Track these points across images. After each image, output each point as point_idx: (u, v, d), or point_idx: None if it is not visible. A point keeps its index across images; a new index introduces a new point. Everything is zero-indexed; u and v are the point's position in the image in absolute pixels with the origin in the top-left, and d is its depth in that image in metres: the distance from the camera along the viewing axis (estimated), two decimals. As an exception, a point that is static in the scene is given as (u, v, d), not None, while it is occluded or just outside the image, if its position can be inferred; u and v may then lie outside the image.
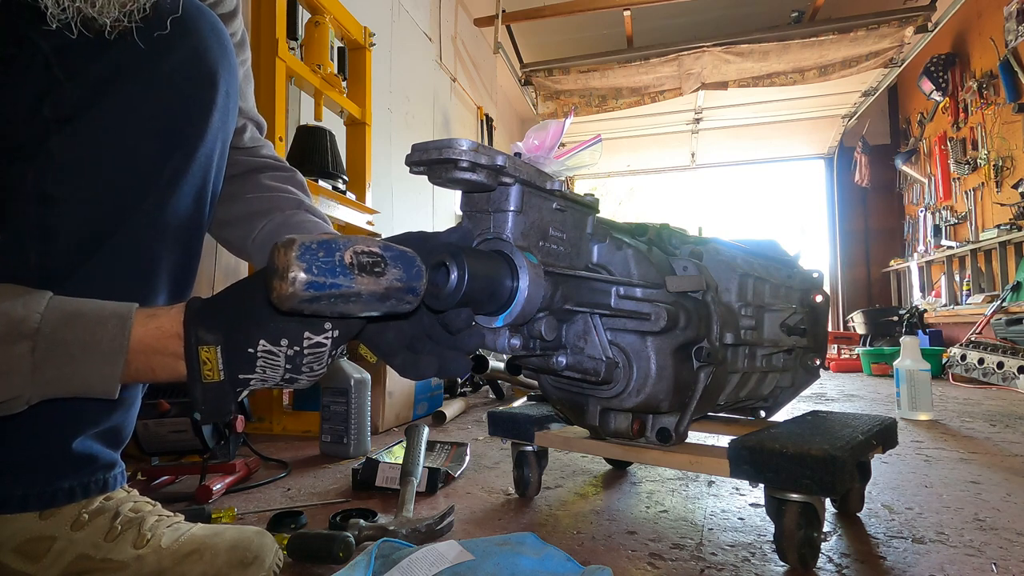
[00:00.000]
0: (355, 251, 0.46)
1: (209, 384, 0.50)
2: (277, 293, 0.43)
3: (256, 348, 0.49)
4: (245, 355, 0.50)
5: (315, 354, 0.51)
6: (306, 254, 0.43)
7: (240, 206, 0.80)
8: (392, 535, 0.77)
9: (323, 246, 0.45)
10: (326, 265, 0.44)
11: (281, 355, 0.50)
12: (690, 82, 4.27)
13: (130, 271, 0.61)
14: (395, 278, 0.47)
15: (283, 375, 0.51)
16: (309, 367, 0.51)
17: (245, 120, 0.84)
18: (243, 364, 0.50)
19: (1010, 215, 3.89)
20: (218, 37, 0.64)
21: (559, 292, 0.63)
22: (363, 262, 0.46)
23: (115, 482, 0.65)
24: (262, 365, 0.50)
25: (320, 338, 0.50)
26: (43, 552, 0.59)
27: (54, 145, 0.57)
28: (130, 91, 0.59)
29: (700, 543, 0.83)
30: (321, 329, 0.50)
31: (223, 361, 0.50)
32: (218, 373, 0.50)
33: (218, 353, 0.49)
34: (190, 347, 0.50)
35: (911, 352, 1.96)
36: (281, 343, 0.50)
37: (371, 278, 0.46)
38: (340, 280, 0.44)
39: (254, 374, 0.51)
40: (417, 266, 0.49)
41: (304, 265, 0.43)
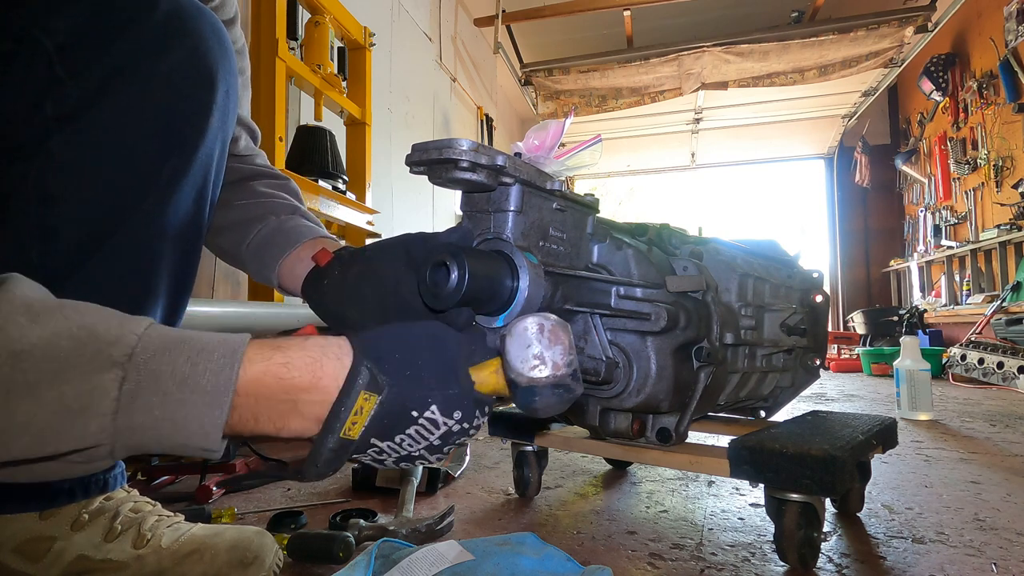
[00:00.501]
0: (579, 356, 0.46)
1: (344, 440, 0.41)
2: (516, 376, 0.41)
3: (423, 413, 0.42)
4: (403, 416, 0.42)
5: (467, 438, 0.45)
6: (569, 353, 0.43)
7: (234, 212, 0.80)
8: (392, 535, 0.77)
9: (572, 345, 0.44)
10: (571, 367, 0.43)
11: (442, 428, 0.43)
12: (690, 82, 4.27)
13: (131, 271, 0.61)
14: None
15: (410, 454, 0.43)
16: (444, 452, 0.45)
17: (240, 128, 0.84)
18: (390, 427, 0.42)
19: (1010, 215, 3.89)
20: (218, 38, 0.64)
21: (559, 292, 0.63)
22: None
23: (115, 482, 0.65)
24: (409, 434, 0.42)
25: (483, 420, 0.45)
26: (43, 552, 0.59)
27: (55, 144, 0.57)
28: (130, 91, 0.59)
29: (700, 543, 0.83)
30: (487, 411, 0.45)
31: (372, 416, 0.41)
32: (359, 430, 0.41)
33: (376, 406, 0.41)
34: (351, 387, 0.40)
35: (911, 352, 1.96)
36: (453, 415, 0.43)
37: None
38: (573, 385, 0.43)
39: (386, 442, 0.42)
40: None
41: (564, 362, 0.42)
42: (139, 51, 0.57)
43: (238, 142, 0.83)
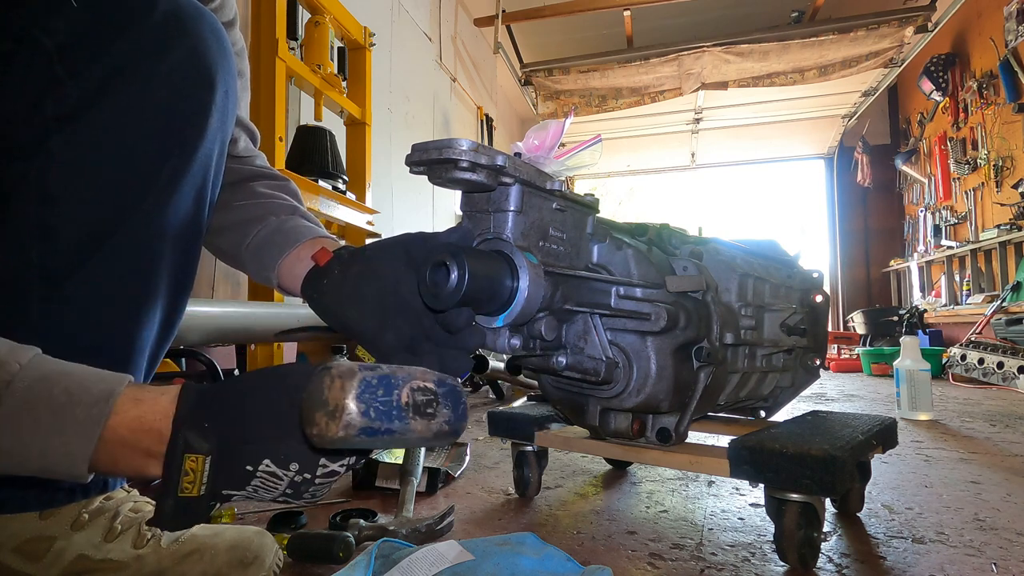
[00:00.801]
0: (412, 388, 0.41)
1: (184, 499, 0.42)
2: (319, 431, 0.38)
3: (258, 468, 0.43)
4: (240, 472, 0.43)
5: (326, 483, 0.45)
6: (366, 391, 0.38)
7: (233, 213, 0.80)
8: (392, 535, 0.77)
9: (383, 382, 0.40)
10: (383, 407, 0.39)
11: (285, 479, 0.43)
12: (690, 82, 4.27)
13: (130, 271, 0.61)
14: (444, 420, 0.43)
15: (277, 496, 0.45)
16: (312, 494, 0.45)
17: (240, 129, 0.84)
18: (234, 480, 0.43)
19: (1010, 215, 3.89)
20: (217, 38, 0.64)
21: (559, 292, 0.63)
22: (418, 401, 0.41)
23: (114, 482, 0.65)
24: (256, 485, 0.43)
25: (336, 466, 0.44)
26: (43, 552, 0.59)
27: (55, 144, 0.57)
28: (130, 91, 0.59)
29: (700, 543, 0.83)
30: (340, 458, 0.45)
31: (209, 474, 0.42)
32: (199, 488, 0.42)
33: (206, 465, 0.42)
34: (174, 451, 0.42)
35: (911, 352, 1.96)
36: (290, 467, 0.43)
37: (424, 422, 0.41)
38: (395, 425, 0.39)
39: (242, 491, 0.44)
40: (463, 405, 0.45)
41: (363, 407, 0.38)
42: (139, 51, 0.58)
43: (237, 143, 0.83)
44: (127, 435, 0.43)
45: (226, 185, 0.80)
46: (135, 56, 0.57)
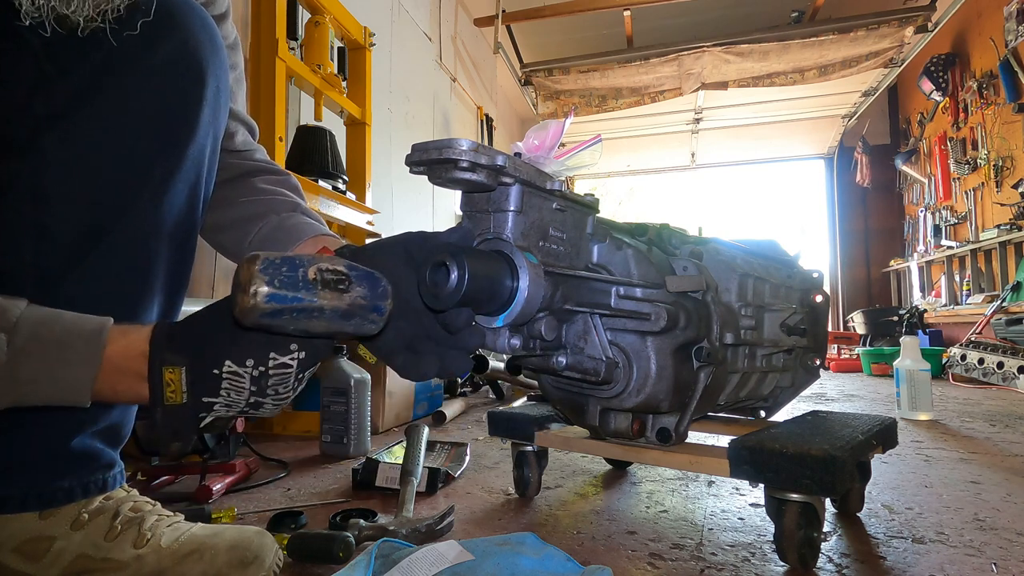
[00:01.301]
0: (319, 268, 0.46)
1: (170, 407, 0.49)
2: (240, 307, 0.43)
3: (221, 369, 0.49)
4: (210, 376, 0.49)
5: (280, 375, 0.50)
6: (269, 268, 0.44)
7: (235, 210, 0.80)
8: (392, 535, 0.77)
9: (287, 261, 0.45)
10: (288, 279, 0.44)
11: (247, 376, 0.49)
12: (690, 82, 4.27)
13: (127, 268, 0.61)
14: (359, 295, 0.47)
15: (248, 398, 0.50)
16: (274, 390, 0.50)
17: (237, 123, 0.84)
18: (207, 386, 0.49)
19: (1010, 215, 3.89)
20: (208, 32, 0.64)
21: (559, 292, 0.63)
22: (327, 279, 0.46)
23: (115, 482, 0.65)
24: (227, 387, 0.49)
25: (286, 359, 0.50)
26: (43, 552, 0.59)
27: (46, 142, 0.57)
28: (120, 87, 0.58)
29: (700, 543, 0.83)
30: (287, 350, 0.50)
31: (187, 383, 0.49)
32: (181, 396, 0.49)
33: (183, 375, 0.49)
34: (154, 366, 0.49)
35: (911, 352, 1.96)
36: (247, 363, 0.49)
37: (334, 294, 0.46)
38: (302, 295, 0.44)
39: (218, 398, 0.49)
40: (383, 286, 0.49)
41: (266, 278, 0.43)
42: (128, 47, 0.57)
43: (235, 137, 0.83)
44: (120, 362, 0.50)
45: (226, 181, 0.80)
46: (124, 52, 0.57)
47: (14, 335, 0.47)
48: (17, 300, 0.50)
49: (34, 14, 0.52)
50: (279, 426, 1.69)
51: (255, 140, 0.89)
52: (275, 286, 0.43)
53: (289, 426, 1.68)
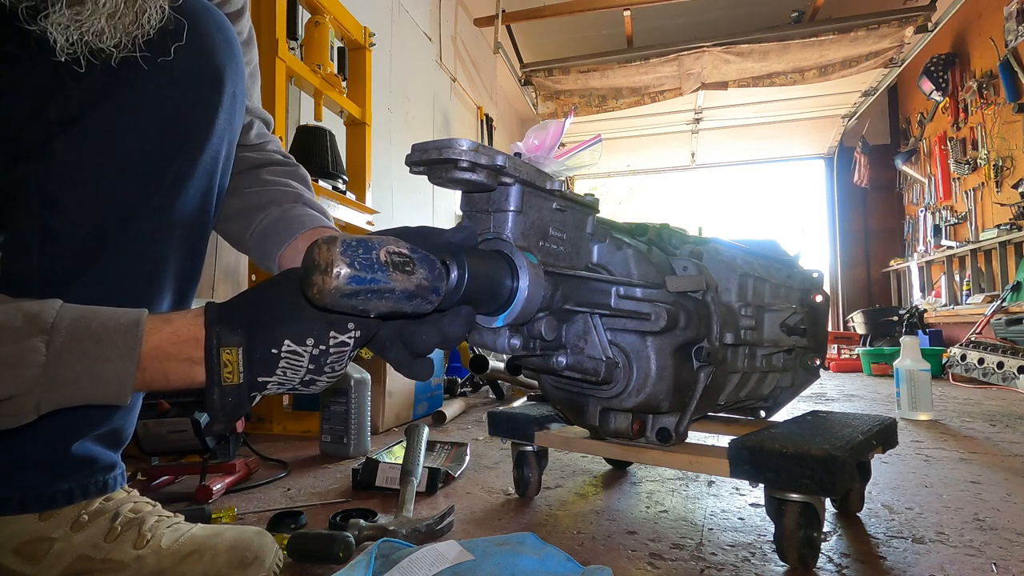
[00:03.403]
0: (388, 250, 0.47)
1: (228, 387, 0.49)
2: (319, 288, 0.44)
3: (281, 348, 0.49)
4: (268, 356, 0.49)
5: (339, 353, 0.51)
6: (348, 250, 0.45)
7: (239, 201, 0.80)
8: (392, 535, 0.77)
9: (362, 244, 0.46)
10: (366, 261, 0.45)
11: (306, 355, 0.50)
12: (690, 82, 4.27)
13: (135, 273, 0.61)
14: (423, 277, 0.48)
15: (303, 376, 0.51)
16: (331, 367, 0.52)
17: (252, 118, 0.84)
18: (265, 366, 0.50)
19: (1010, 215, 3.89)
20: (225, 37, 0.64)
21: (559, 292, 0.63)
22: (396, 260, 0.47)
23: (115, 483, 0.65)
24: (283, 367, 0.50)
25: (345, 337, 0.51)
26: (43, 553, 0.59)
27: (58, 146, 0.57)
28: (134, 93, 0.58)
29: (700, 543, 0.83)
30: (345, 328, 0.51)
31: (244, 363, 0.49)
32: (238, 376, 0.49)
33: (239, 355, 0.49)
34: (211, 348, 0.49)
35: (911, 352, 1.96)
36: (307, 342, 0.50)
37: (404, 276, 0.47)
38: (379, 276, 0.45)
39: (274, 376, 0.50)
40: (439, 268, 0.50)
41: (347, 260, 0.44)
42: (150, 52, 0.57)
43: (249, 132, 0.83)
44: (169, 349, 0.50)
45: (237, 173, 0.80)
46: (140, 58, 0.57)
47: (53, 336, 0.47)
48: (51, 301, 0.50)
49: (68, 50, 0.52)
50: (279, 426, 1.69)
51: (270, 131, 0.89)
52: (355, 268, 0.44)
53: (289, 426, 1.68)
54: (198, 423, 1.07)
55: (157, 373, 0.50)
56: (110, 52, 0.54)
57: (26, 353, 0.46)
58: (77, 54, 0.53)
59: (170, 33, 0.58)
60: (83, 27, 0.52)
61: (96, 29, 0.52)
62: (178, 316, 0.52)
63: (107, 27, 0.53)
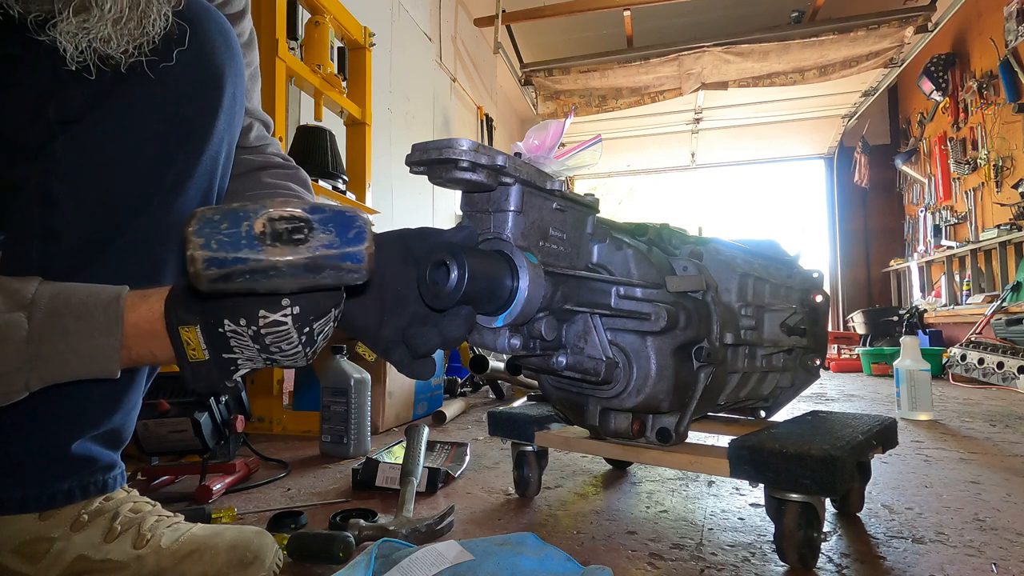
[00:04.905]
0: (269, 218, 0.40)
1: (196, 364, 0.49)
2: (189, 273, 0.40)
3: (224, 328, 0.48)
4: (219, 335, 0.48)
5: (276, 333, 0.48)
6: (205, 227, 0.39)
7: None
8: (392, 535, 0.77)
9: (228, 216, 0.40)
10: (228, 238, 0.39)
11: (245, 335, 0.48)
12: (690, 82, 4.27)
13: (134, 274, 0.61)
14: (322, 245, 0.41)
15: (259, 354, 0.49)
16: (277, 347, 0.48)
17: (252, 120, 0.84)
18: (220, 344, 0.49)
19: (1010, 215, 3.89)
20: (225, 39, 0.64)
21: (559, 292, 0.63)
22: (278, 230, 0.40)
23: (114, 483, 0.65)
24: (235, 344, 0.49)
25: (276, 316, 0.46)
26: (43, 553, 0.59)
27: (58, 147, 0.57)
28: (135, 94, 0.58)
29: (700, 543, 0.83)
30: (278, 306, 0.46)
31: (204, 340, 0.49)
32: (202, 352, 0.49)
33: (198, 332, 0.48)
34: (172, 327, 0.49)
35: (911, 352, 1.96)
36: (240, 322, 0.47)
37: (287, 248, 0.40)
38: (245, 254, 0.39)
39: (234, 353, 0.49)
40: (356, 227, 0.42)
41: (201, 240, 0.39)
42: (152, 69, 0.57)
43: (248, 134, 0.83)
44: (147, 327, 0.50)
45: (236, 176, 0.80)
46: (141, 60, 0.57)
47: (33, 312, 0.47)
48: (30, 279, 0.50)
49: (79, 58, 0.53)
50: (279, 426, 1.69)
51: (270, 133, 0.89)
52: (212, 248, 0.39)
53: (289, 426, 1.68)
54: (198, 423, 1.07)
55: (143, 350, 0.51)
56: (119, 59, 0.54)
57: (9, 329, 0.46)
58: (87, 62, 0.53)
59: (174, 40, 0.58)
60: (91, 34, 0.52)
61: (103, 36, 0.52)
62: (154, 293, 0.51)
63: (114, 33, 0.53)
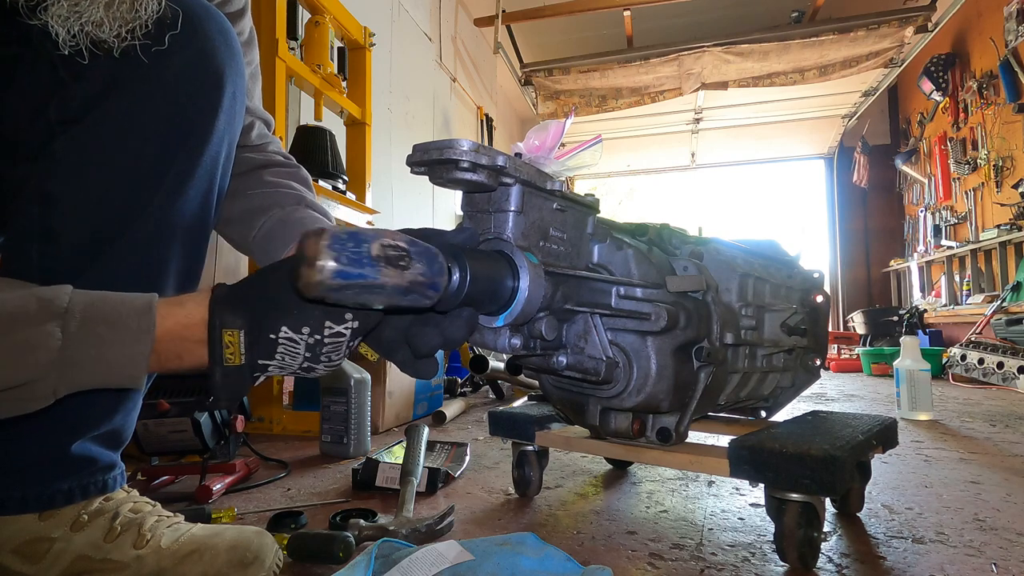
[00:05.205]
0: (383, 244, 0.46)
1: (229, 368, 0.50)
2: (305, 280, 0.44)
3: (278, 334, 0.50)
4: (267, 340, 0.50)
5: (334, 344, 0.51)
6: (336, 244, 0.44)
7: (241, 203, 0.80)
8: (392, 535, 0.77)
9: (352, 237, 0.45)
10: (354, 256, 0.45)
11: (302, 343, 0.51)
12: (690, 82, 4.27)
13: (135, 274, 0.61)
14: (418, 273, 0.47)
15: (301, 363, 0.52)
16: (328, 356, 0.52)
17: (253, 118, 0.84)
18: (264, 349, 0.50)
19: (1010, 215, 3.89)
20: (225, 38, 0.64)
21: (559, 292, 0.63)
22: (390, 255, 0.46)
23: (114, 483, 0.65)
24: (282, 352, 0.51)
25: (341, 328, 0.51)
26: (43, 553, 0.59)
27: (58, 147, 0.57)
28: (135, 93, 0.58)
29: (700, 543, 0.83)
30: (342, 319, 0.51)
31: (245, 345, 0.50)
32: (239, 357, 0.50)
33: (241, 337, 0.50)
34: (214, 330, 0.50)
35: (911, 352, 1.96)
36: (303, 331, 0.50)
37: (396, 271, 0.46)
38: (367, 271, 0.45)
39: (273, 360, 0.51)
40: (439, 262, 0.49)
41: (334, 254, 0.44)
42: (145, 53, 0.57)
43: (250, 133, 0.83)
44: (182, 331, 0.51)
45: (238, 174, 0.80)
46: (140, 59, 0.57)
47: (67, 321, 0.48)
48: (62, 287, 0.50)
49: (71, 42, 0.53)
50: (279, 426, 1.69)
51: (271, 131, 0.89)
52: (342, 263, 0.44)
53: (289, 426, 1.68)
54: (198, 423, 1.07)
55: (171, 355, 0.51)
56: (111, 43, 0.54)
57: (42, 338, 0.46)
58: (80, 46, 0.53)
59: (167, 24, 0.58)
60: (83, 17, 0.52)
61: (95, 19, 0.52)
62: (189, 298, 0.52)
63: (106, 16, 0.53)
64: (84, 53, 0.53)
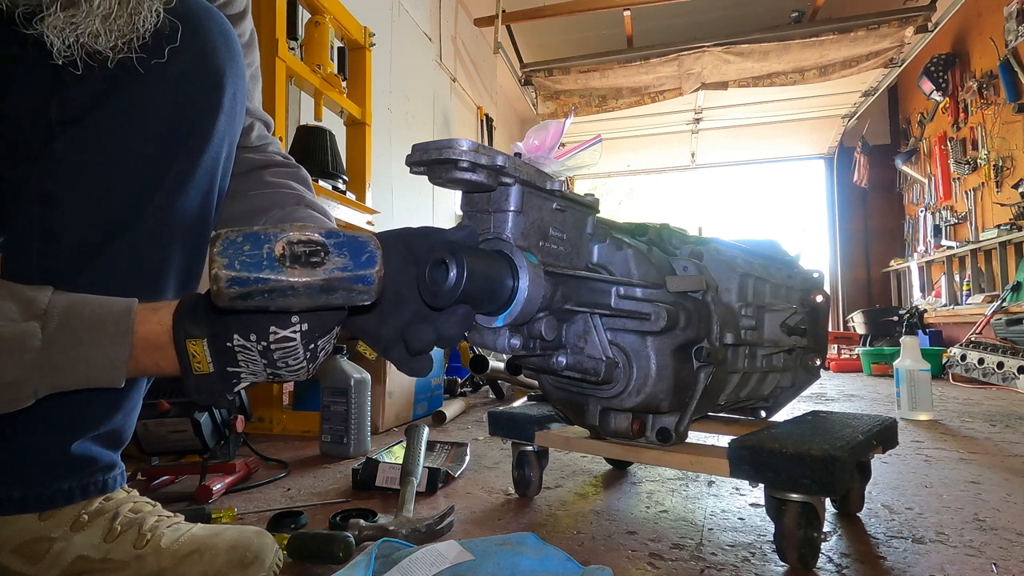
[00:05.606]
0: (288, 241, 0.43)
1: (200, 376, 0.50)
2: (211, 291, 0.42)
3: (232, 343, 0.49)
4: (226, 349, 0.50)
5: (284, 348, 0.50)
6: (228, 248, 0.42)
7: (241, 204, 0.80)
8: (392, 535, 0.77)
9: (249, 238, 0.43)
10: (251, 259, 0.42)
11: (254, 350, 0.49)
12: (690, 82, 4.27)
13: (135, 274, 0.61)
14: (336, 267, 0.44)
15: (264, 369, 0.51)
16: (284, 362, 0.50)
17: (253, 119, 0.84)
18: (226, 358, 0.50)
19: (1010, 215, 3.89)
20: (226, 39, 0.64)
21: (559, 292, 0.63)
22: (296, 252, 0.43)
23: (115, 483, 0.65)
24: (242, 359, 0.50)
25: (287, 332, 0.49)
26: (43, 553, 0.59)
27: (58, 147, 0.57)
28: (135, 94, 0.58)
29: (700, 543, 0.83)
30: (288, 323, 0.48)
31: (211, 354, 0.50)
32: (207, 365, 0.50)
33: (205, 346, 0.50)
34: (179, 339, 0.50)
35: (911, 352, 1.96)
36: (251, 338, 0.49)
37: (305, 270, 0.43)
38: (266, 274, 0.42)
39: (240, 367, 0.51)
40: (368, 251, 0.45)
41: (225, 260, 0.42)
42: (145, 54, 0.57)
43: (250, 134, 0.83)
44: (155, 339, 0.51)
45: (238, 175, 0.80)
46: (142, 58, 0.57)
47: (47, 322, 0.48)
48: (43, 288, 0.51)
49: (66, 52, 0.53)
50: (279, 426, 1.69)
51: (271, 132, 0.89)
52: (235, 268, 0.42)
53: (289, 426, 1.68)
54: (198, 423, 1.07)
55: (149, 361, 0.52)
56: (107, 54, 0.54)
57: (24, 338, 0.47)
58: (74, 56, 0.53)
59: (165, 36, 0.58)
60: (79, 29, 0.52)
61: (92, 31, 0.52)
62: (163, 306, 0.53)
63: (102, 29, 0.53)
64: (78, 64, 0.53)
